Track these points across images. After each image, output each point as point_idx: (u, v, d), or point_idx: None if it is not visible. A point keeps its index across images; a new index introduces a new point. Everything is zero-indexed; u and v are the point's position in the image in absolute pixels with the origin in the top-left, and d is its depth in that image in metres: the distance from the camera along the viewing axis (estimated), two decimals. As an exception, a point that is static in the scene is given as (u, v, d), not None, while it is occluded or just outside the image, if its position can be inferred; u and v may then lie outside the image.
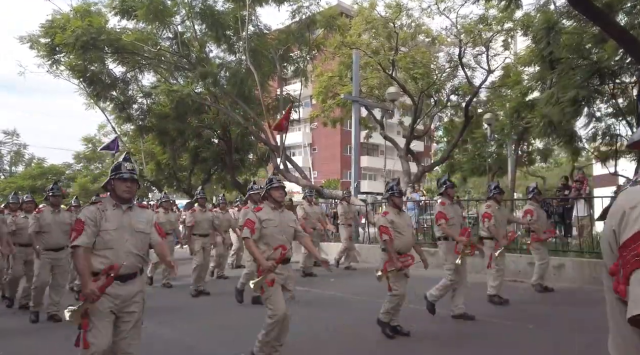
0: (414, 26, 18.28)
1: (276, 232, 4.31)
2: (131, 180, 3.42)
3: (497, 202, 6.82)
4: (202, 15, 16.02)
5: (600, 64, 9.88)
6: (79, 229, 3.22)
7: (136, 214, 3.47)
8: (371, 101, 19.09)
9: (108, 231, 3.28)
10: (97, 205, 3.37)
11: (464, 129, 17.73)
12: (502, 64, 17.92)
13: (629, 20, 10.02)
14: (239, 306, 6.97)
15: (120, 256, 3.25)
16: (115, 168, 3.45)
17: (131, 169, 3.45)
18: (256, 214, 4.35)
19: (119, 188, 3.39)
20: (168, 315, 6.50)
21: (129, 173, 3.43)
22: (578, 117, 10.88)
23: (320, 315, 6.35)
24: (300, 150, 42.10)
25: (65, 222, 6.42)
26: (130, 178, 3.41)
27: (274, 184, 4.53)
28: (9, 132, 40.16)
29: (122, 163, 3.47)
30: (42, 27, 15.78)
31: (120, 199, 3.41)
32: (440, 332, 5.44)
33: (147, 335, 4.96)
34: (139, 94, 19.86)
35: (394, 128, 29.32)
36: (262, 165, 22.88)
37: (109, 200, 3.42)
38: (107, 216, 3.31)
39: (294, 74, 19.14)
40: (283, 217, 4.46)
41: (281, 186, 4.56)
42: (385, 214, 5.25)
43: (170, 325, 5.96)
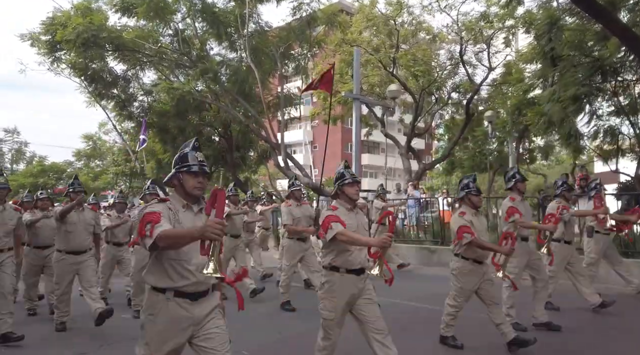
0: (414, 23, 18.24)
1: None
2: (202, 173, 2.74)
3: (566, 200, 6.23)
4: (202, 13, 16.00)
5: (602, 62, 9.85)
6: (155, 218, 2.49)
7: (206, 217, 2.78)
8: (372, 99, 19.05)
9: None
10: (167, 204, 2.68)
11: (465, 127, 17.71)
12: (504, 62, 17.89)
13: (631, 18, 9.98)
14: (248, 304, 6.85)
15: (193, 271, 2.63)
16: (181, 159, 2.76)
17: (201, 160, 2.77)
18: (334, 212, 3.70)
19: (189, 184, 2.71)
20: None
21: (199, 165, 2.73)
22: (579, 114, 10.85)
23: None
24: (300, 148, 42.08)
25: (90, 223, 5.90)
26: (202, 171, 2.73)
27: (347, 179, 3.76)
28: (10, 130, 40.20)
29: (188, 153, 2.77)
30: (43, 24, 15.77)
31: (190, 198, 2.76)
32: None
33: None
34: (140, 92, 19.84)
35: (395, 126, 29.28)
36: (262, 163, 22.84)
37: (177, 199, 2.74)
38: (180, 218, 2.67)
39: (294, 72, 19.11)
40: (359, 220, 3.82)
41: (356, 181, 3.79)
42: (463, 214, 4.67)
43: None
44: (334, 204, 3.81)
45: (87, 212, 5.98)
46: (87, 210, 6.02)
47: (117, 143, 28.48)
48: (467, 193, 4.75)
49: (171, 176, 2.78)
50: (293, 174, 16.61)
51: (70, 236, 5.66)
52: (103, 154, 34.14)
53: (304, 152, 40.94)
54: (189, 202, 2.75)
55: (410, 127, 19.14)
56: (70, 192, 5.88)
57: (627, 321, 5.85)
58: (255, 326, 5.83)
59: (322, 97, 19.87)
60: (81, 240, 5.74)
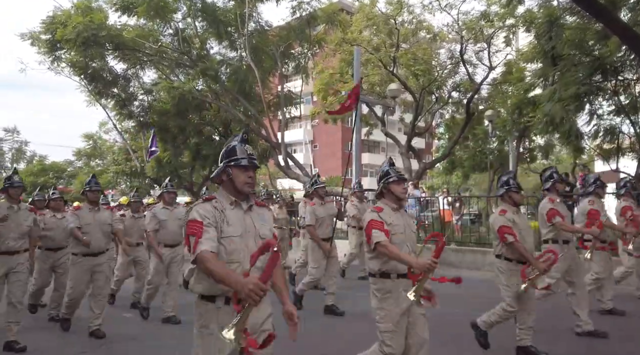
0: (415, 23, 18.21)
1: (401, 240, 3.40)
2: (253, 168, 2.57)
3: (600, 197, 5.84)
4: (203, 12, 16.00)
5: (603, 61, 9.84)
6: (197, 231, 2.37)
7: (257, 214, 2.62)
8: (372, 98, 19.05)
9: (232, 238, 2.45)
10: (213, 203, 2.49)
11: (466, 126, 17.70)
12: (504, 61, 17.87)
13: (632, 17, 9.97)
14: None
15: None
16: (229, 153, 2.59)
17: (251, 153, 2.60)
18: (379, 214, 3.43)
19: (239, 179, 2.52)
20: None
21: (249, 159, 2.56)
22: (580, 114, 10.85)
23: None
24: (301, 147, 42.06)
25: (106, 222, 5.59)
26: (252, 165, 2.56)
27: (392, 177, 3.50)
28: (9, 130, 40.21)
29: (237, 146, 2.61)
30: (43, 23, 15.78)
31: (239, 194, 2.56)
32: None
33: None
34: (140, 91, 19.87)
35: (395, 125, 29.26)
36: (263, 162, 22.85)
37: (225, 197, 2.55)
38: (228, 217, 2.48)
39: (294, 71, 19.11)
40: (406, 221, 3.55)
41: (403, 179, 3.55)
42: (503, 212, 4.36)
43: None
44: (379, 204, 3.54)
45: (103, 212, 5.67)
46: (102, 209, 5.70)
47: (118, 142, 28.49)
48: (507, 190, 4.47)
49: (219, 171, 2.59)
50: (295, 173, 16.64)
51: (86, 238, 5.36)
52: (103, 153, 34.14)
53: (304, 151, 40.93)
54: (237, 199, 2.54)
55: (410, 126, 19.13)
56: (87, 191, 5.58)
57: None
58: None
59: (322, 96, 19.87)
60: (97, 241, 5.44)
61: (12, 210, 5.04)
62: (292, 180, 19.71)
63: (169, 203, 6.27)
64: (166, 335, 5.53)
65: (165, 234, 6.12)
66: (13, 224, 4.99)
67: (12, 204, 5.09)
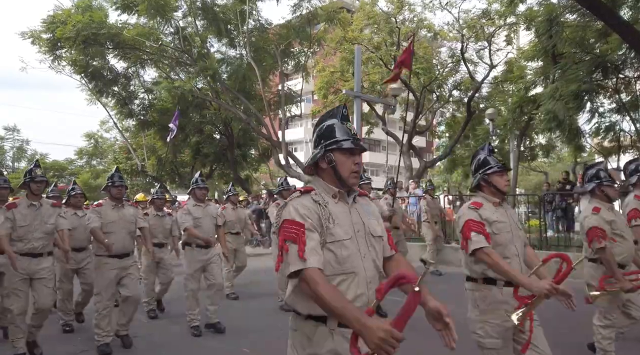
0: (416, 21, 18.21)
1: (507, 239, 2.85)
2: (360, 151, 2.01)
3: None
4: (203, 11, 16.00)
5: (603, 59, 9.83)
6: (297, 236, 1.82)
7: (362, 206, 2.07)
8: (373, 96, 19.04)
9: (343, 243, 1.88)
10: (313, 196, 1.94)
11: (466, 125, 17.69)
12: (505, 59, 17.86)
13: (633, 14, 9.96)
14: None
15: (364, 284, 1.89)
16: (328, 133, 2.00)
17: (355, 134, 2.02)
18: (478, 212, 2.90)
19: (345, 166, 1.95)
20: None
21: (354, 140, 1.98)
22: (581, 112, 10.84)
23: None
24: (302, 146, 42.05)
25: (130, 220, 5.05)
26: (359, 148, 1.99)
27: (493, 167, 2.98)
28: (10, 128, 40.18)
29: (335, 125, 2.02)
30: (44, 22, 15.78)
31: (345, 186, 1.98)
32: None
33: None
34: (141, 90, 19.89)
35: (396, 124, 29.24)
36: (264, 161, 22.86)
37: (326, 188, 1.99)
38: (334, 215, 1.91)
39: (295, 69, 19.10)
40: (511, 217, 2.99)
41: (505, 168, 3.04)
42: (597, 210, 3.71)
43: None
44: (477, 199, 3.00)
45: (127, 209, 5.12)
46: (126, 206, 5.15)
47: (118, 141, 28.50)
48: (599, 184, 3.83)
49: (317, 157, 2.00)
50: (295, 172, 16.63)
51: (109, 238, 4.79)
52: (105, 152, 34.18)
53: (305, 150, 40.93)
54: (341, 191, 1.98)
55: (411, 125, 19.12)
56: (110, 187, 5.02)
57: None
58: (256, 323, 5.83)
59: (322, 94, 19.86)
60: (123, 241, 4.89)
61: (33, 207, 4.56)
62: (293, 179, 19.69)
63: (201, 200, 5.71)
64: (169, 334, 5.54)
65: (200, 231, 5.54)
66: (36, 222, 4.51)
67: (34, 200, 4.59)
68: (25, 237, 4.46)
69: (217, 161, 21.72)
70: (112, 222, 4.88)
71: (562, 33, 10.50)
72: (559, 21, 10.65)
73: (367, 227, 1.99)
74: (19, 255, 4.35)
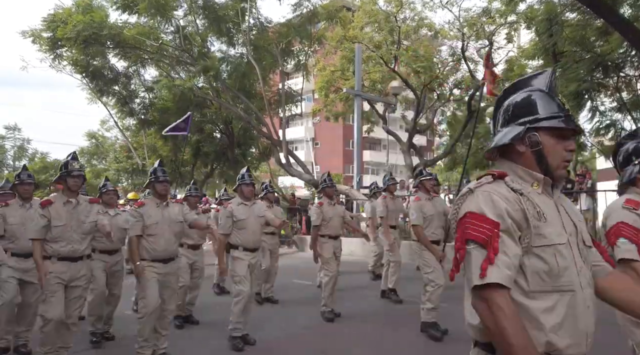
0: (416, 20, 18.20)
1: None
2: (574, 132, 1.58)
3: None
4: (203, 9, 16.01)
5: (604, 57, 9.82)
6: (487, 239, 1.37)
7: (567, 203, 1.63)
8: (373, 95, 19.04)
9: (557, 249, 1.43)
10: (510, 183, 1.49)
11: (467, 123, 17.68)
12: (506, 58, 17.84)
13: (633, 13, 9.95)
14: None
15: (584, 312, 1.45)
16: (529, 106, 1.55)
17: (568, 109, 1.58)
18: (637, 212, 2.43)
19: (554, 151, 1.51)
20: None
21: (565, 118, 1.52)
22: (581, 110, 10.82)
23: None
24: (302, 145, 42.06)
25: (176, 219, 4.50)
26: (575, 129, 1.57)
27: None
28: (11, 127, 40.24)
29: (535, 95, 1.57)
30: (44, 21, 15.79)
31: (556, 176, 1.55)
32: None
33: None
34: (141, 89, 19.91)
35: (397, 122, 29.23)
36: (264, 160, 22.87)
37: (522, 172, 1.55)
38: (545, 212, 1.47)
39: (295, 68, 19.11)
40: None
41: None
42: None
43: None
44: (631, 196, 2.45)
45: (172, 207, 4.55)
46: (171, 204, 4.57)
47: (119, 140, 28.52)
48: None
49: (517, 137, 1.52)
50: (296, 171, 16.64)
51: (153, 241, 4.30)
52: (106, 151, 34.23)
53: (306, 149, 40.93)
54: (547, 178, 1.53)
55: (412, 123, 19.12)
56: (154, 182, 4.47)
57: None
58: (259, 322, 5.83)
59: (323, 93, 19.86)
60: (168, 243, 4.38)
61: (69, 205, 4.08)
62: (293, 178, 19.71)
63: (248, 197, 5.09)
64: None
65: (244, 236, 4.97)
66: (73, 221, 4.04)
67: (70, 197, 4.10)
68: (61, 238, 4.00)
69: (218, 160, 21.74)
70: (156, 224, 4.32)
71: (562, 32, 10.49)
72: (558, 20, 10.64)
73: (580, 232, 1.52)
74: (55, 259, 3.97)
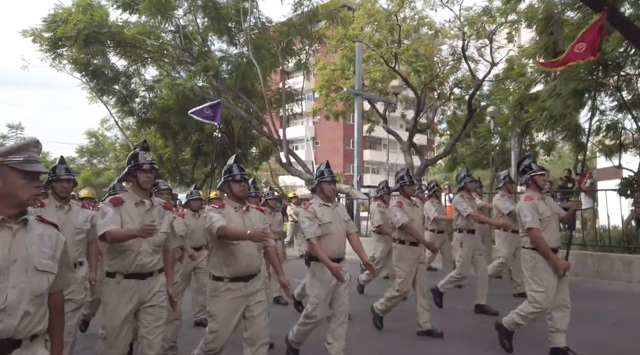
0: (416, 19, 18.18)
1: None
2: None
3: None
4: (205, 9, 16.01)
5: (604, 56, 9.79)
6: None
7: None
8: (374, 94, 19.03)
9: None
10: None
11: (467, 122, 17.68)
12: (506, 57, 17.81)
13: (634, 11, 9.93)
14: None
15: None
16: None
17: None
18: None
19: None
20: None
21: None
22: (581, 110, 10.81)
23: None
24: (302, 144, 42.08)
25: (261, 226, 3.54)
26: None
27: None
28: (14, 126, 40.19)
29: None
30: (44, 20, 15.79)
31: None
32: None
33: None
34: (142, 88, 19.91)
35: (397, 121, 29.22)
36: (264, 159, 22.87)
37: None
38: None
39: (296, 68, 19.11)
40: None
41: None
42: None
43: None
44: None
45: (253, 213, 3.66)
46: (252, 210, 3.68)
47: (119, 139, 28.54)
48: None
49: None
50: (296, 170, 16.64)
51: (233, 254, 3.38)
52: (106, 150, 34.28)
53: (306, 148, 40.94)
54: None
55: (412, 122, 19.11)
56: (230, 182, 3.56)
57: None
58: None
59: (324, 92, 19.84)
60: (250, 257, 3.44)
61: (142, 207, 3.27)
62: (294, 177, 19.72)
63: (330, 198, 4.23)
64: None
65: (329, 243, 4.01)
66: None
67: (143, 196, 3.29)
68: (131, 249, 3.15)
69: (218, 159, 21.77)
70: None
71: (562, 31, 10.47)
72: (557, 19, 10.63)
73: None
74: (122, 277, 3.15)
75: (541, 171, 4.48)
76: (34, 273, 1.92)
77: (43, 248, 1.99)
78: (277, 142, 16.91)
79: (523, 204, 4.35)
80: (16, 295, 1.85)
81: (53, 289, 2.03)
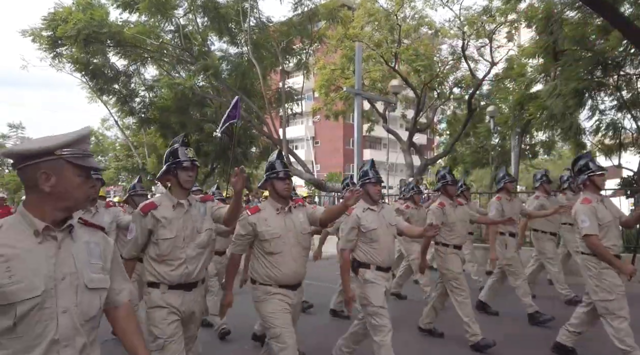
0: (416, 18, 18.18)
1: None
2: None
3: None
4: (204, 8, 16.01)
5: (604, 56, 9.81)
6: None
7: None
8: (374, 94, 19.03)
9: None
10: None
11: (467, 122, 17.69)
12: (506, 56, 17.82)
13: (634, 11, 9.93)
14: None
15: None
16: None
17: None
18: None
19: None
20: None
21: None
22: (581, 109, 10.82)
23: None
24: (302, 144, 42.08)
25: (305, 231, 3.32)
26: None
27: None
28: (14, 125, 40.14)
29: None
30: (44, 20, 15.79)
31: None
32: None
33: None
34: (141, 88, 19.91)
35: (397, 121, 29.23)
36: (264, 159, 22.83)
37: None
38: None
39: (295, 67, 19.11)
40: None
41: None
42: None
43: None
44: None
45: (297, 213, 3.39)
46: (294, 211, 3.40)
47: (119, 138, 28.55)
48: None
49: None
50: (296, 170, 16.65)
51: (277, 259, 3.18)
52: (106, 149, 34.26)
53: (306, 148, 40.95)
54: None
55: (412, 122, 19.11)
56: (274, 179, 3.31)
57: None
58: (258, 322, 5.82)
59: (324, 92, 19.84)
60: (295, 263, 3.20)
61: (181, 208, 2.96)
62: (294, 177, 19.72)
63: (375, 200, 3.91)
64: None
65: (376, 251, 3.78)
66: (187, 231, 2.91)
67: (181, 197, 2.98)
68: (173, 256, 2.86)
69: (218, 159, 21.76)
70: (278, 238, 3.16)
71: (562, 30, 10.48)
72: (557, 18, 10.63)
73: None
74: (166, 288, 2.85)
75: (600, 171, 4.03)
76: (84, 292, 1.56)
77: (92, 259, 1.64)
78: (277, 142, 16.92)
79: (581, 208, 3.90)
80: (68, 322, 1.51)
81: (117, 303, 1.75)
